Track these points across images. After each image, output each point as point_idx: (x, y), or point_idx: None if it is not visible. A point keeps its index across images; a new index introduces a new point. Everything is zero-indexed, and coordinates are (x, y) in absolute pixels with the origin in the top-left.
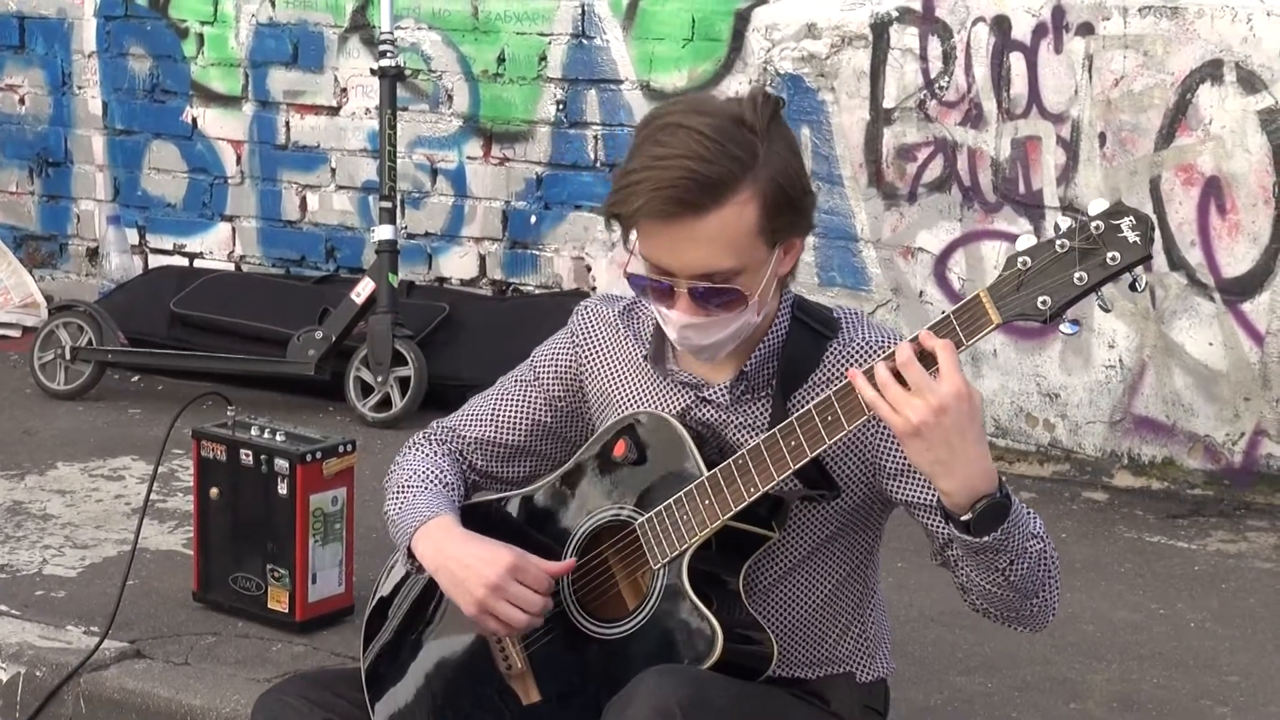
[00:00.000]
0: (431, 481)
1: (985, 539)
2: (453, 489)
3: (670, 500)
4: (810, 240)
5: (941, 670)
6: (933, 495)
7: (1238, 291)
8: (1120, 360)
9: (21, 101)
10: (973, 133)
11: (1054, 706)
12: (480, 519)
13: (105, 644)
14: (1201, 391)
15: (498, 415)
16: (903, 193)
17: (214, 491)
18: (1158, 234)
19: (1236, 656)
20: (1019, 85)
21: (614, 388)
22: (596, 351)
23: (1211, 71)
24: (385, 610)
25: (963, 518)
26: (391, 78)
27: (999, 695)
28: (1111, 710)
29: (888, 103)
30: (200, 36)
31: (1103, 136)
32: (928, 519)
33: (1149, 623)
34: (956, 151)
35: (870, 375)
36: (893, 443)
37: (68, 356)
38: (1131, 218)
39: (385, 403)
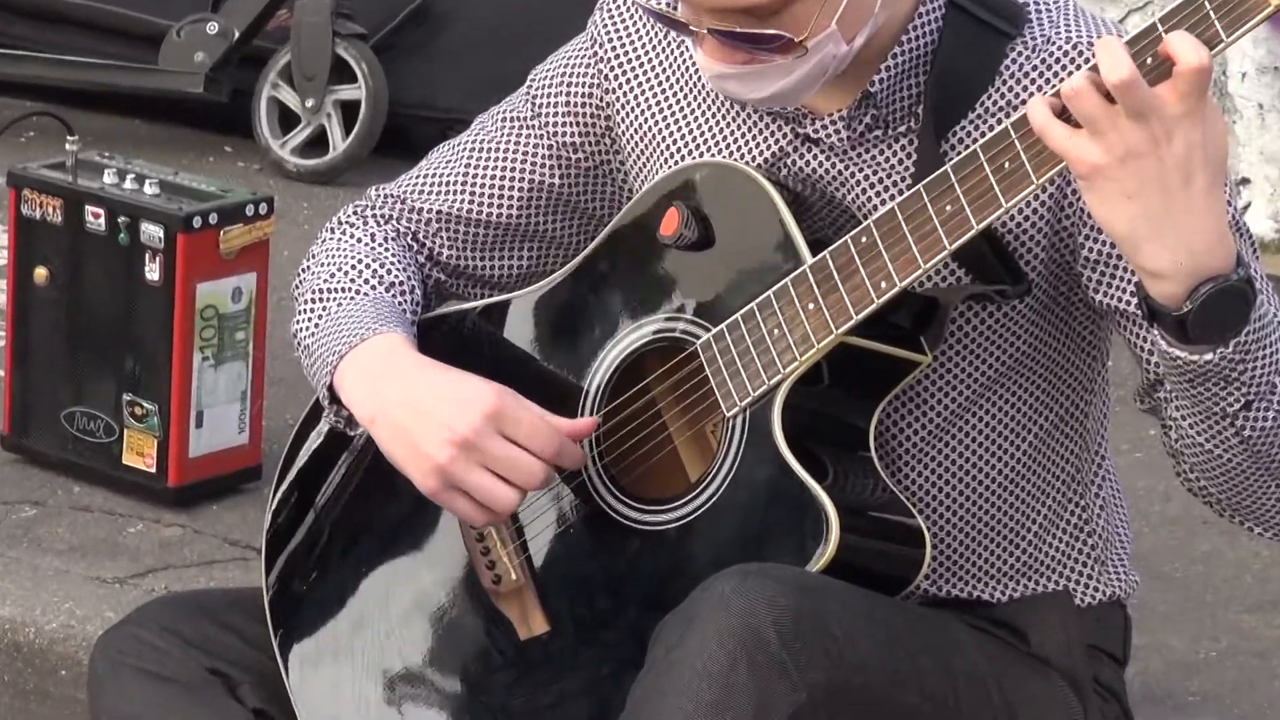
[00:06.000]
0: (368, 281)
1: (1209, 356)
2: (402, 292)
3: (753, 304)
4: None
5: (1218, 604)
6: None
7: None
8: None
9: None
10: None
11: None
12: (446, 342)
13: None
14: None
15: (477, 176)
16: None
17: (41, 273)
18: None
19: None
20: None
21: (663, 124)
22: (634, 69)
23: None
24: (301, 495)
25: (1177, 312)
26: None
27: None
28: None
29: None
30: None
31: None
32: (1137, 336)
33: None
34: None
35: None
36: None
37: None
38: None
39: (319, 142)
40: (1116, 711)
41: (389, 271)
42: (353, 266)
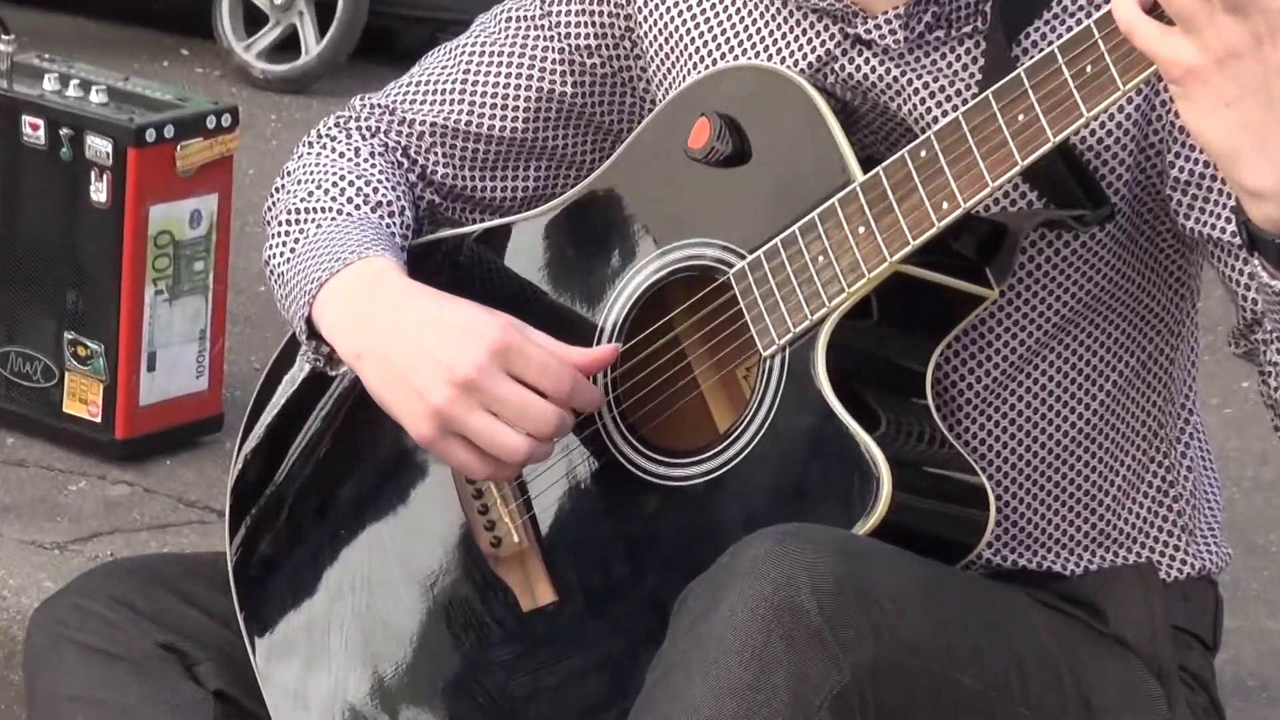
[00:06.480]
0: (352, 200)
1: None
2: (391, 213)
3: (795, 227)
4: None
5: None
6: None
7: None
8: None
9: None
10: None
11: None
12: (441, 271)
13: None
14: None
15: (477, 84)
16: None
17: None
18: None
19: None
20: None
21: (692, 24)
22: None
23: None
24: (271, 447)
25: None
26: None
27: None
28: None
29: None
30: None
31: None
32: (1233, 269)
33: None
34: None
35: None
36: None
37: None
38: None
39: (290, 45)
40: (1205, 703)
41: (375, 190)
42: (334, 184)
